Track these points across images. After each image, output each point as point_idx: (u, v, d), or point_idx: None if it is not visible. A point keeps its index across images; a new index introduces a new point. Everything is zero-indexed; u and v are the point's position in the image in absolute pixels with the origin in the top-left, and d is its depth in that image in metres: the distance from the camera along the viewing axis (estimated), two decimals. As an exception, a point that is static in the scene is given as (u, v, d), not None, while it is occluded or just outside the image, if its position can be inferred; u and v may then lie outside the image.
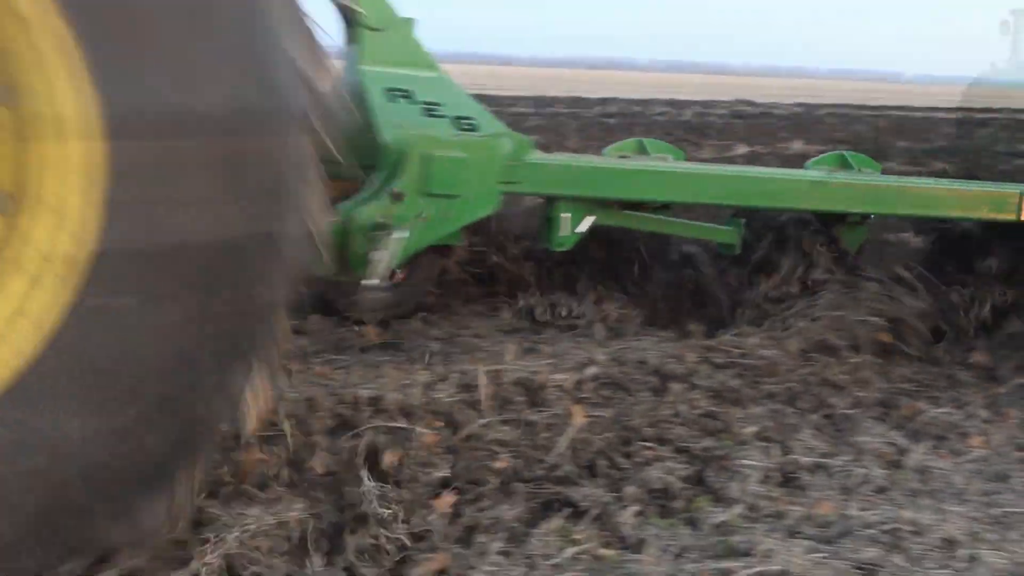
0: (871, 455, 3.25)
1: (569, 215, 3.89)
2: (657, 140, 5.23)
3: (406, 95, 3.56)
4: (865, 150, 5.43)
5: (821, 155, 5.13)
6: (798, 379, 3.84)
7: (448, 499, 2.71)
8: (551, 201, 3.97)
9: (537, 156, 3.82)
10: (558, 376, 3.54)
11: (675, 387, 3.62)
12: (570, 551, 2.49)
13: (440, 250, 4.44)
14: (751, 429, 3.34)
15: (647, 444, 3.19)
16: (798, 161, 12.56)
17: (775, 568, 2.37)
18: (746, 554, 2.47)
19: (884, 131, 18.53)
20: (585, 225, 3.98)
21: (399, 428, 3.01)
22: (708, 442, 3.24)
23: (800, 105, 26.71)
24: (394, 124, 3.51)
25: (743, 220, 4.60)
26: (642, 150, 4.99)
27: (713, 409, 3.50)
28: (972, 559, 2.54)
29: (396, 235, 3.37)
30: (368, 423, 3.03)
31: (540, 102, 22.75)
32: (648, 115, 20.04)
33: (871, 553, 2.51)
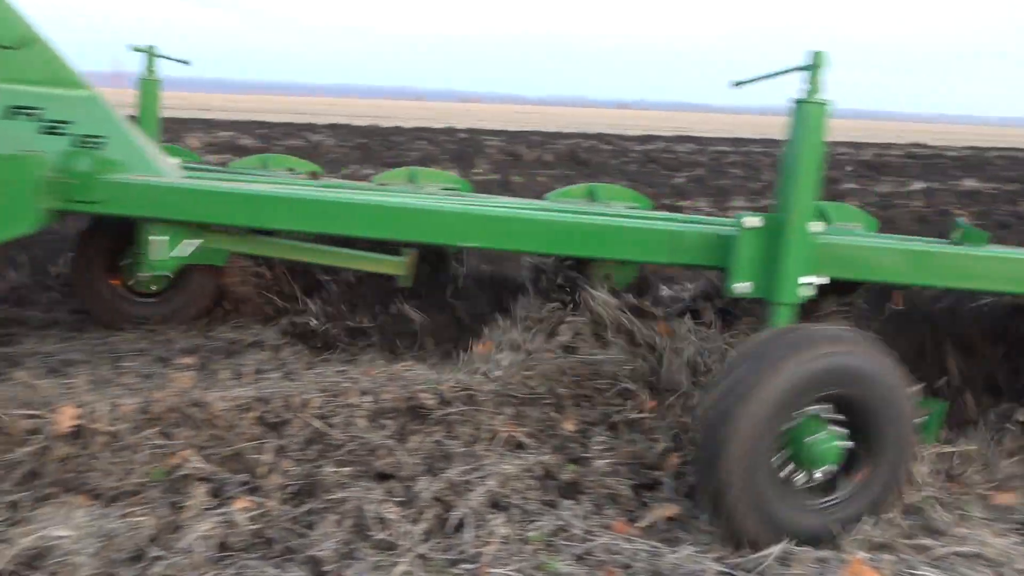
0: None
1: (166, 238, 3.06)
2: (432, 169, 4.36)
3: (31, 113, 2.90)
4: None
5: (568, 187, 4.12)
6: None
7: (675, 459, 2.65)
8: (143, 223, 3.12)
9: (121, 176, 2.94)
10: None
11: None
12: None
13: (211, 269, 3.84)
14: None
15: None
16: (969, 197, 11.47)
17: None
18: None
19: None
20: (185, 249, 3.10)
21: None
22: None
23: (970, 148, 24.26)
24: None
25: (415, 250, 3.44)
26: (412, 178, 4.25)
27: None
28: None
29: None
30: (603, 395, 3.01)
31: (738, 142, 21.95)
32: (832, 154, 18.82)
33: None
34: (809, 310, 3.14)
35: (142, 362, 3.44)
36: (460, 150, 15.00)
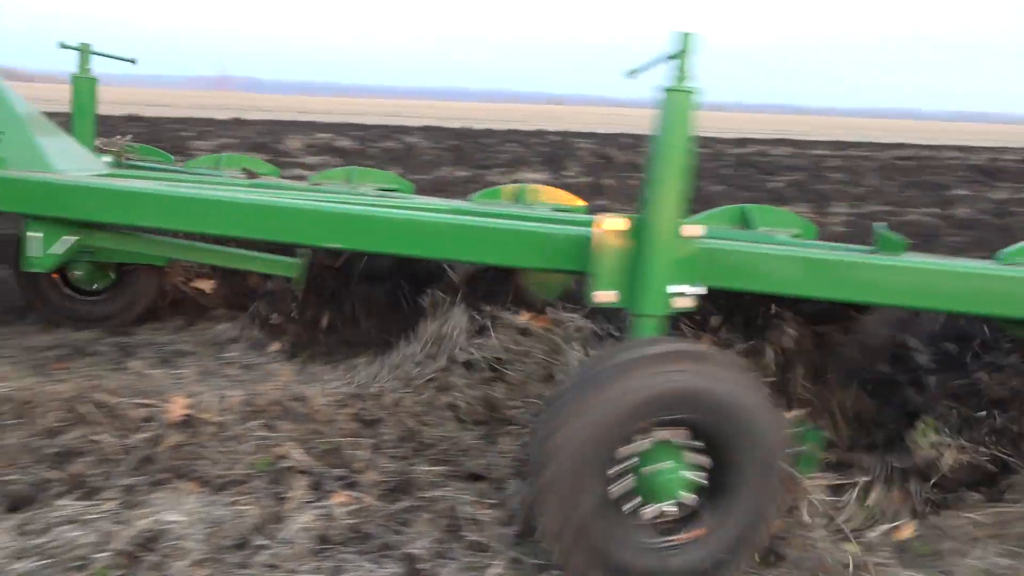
0: None
1: (40, 235, 2.91)
2: (370, 169, 4.28)
3: None
4: None
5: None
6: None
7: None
8: (23, 219, 2.97)
9: None
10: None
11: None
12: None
13: (155, 269, 3.83)
14: None
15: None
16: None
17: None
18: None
19: None
20: (61, 247, 2.95)
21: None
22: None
23: (1097, 152, 22.65)
24: None
25: (309, 251, 3.42)
26: (349, 178, 4.14)
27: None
28: None
29: None
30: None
31: (838, 146, 21.20)
32: (940, 158, 17.95)
33: None
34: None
35: (240, 350, 3.58)
36: (551, 152, 15.01)
